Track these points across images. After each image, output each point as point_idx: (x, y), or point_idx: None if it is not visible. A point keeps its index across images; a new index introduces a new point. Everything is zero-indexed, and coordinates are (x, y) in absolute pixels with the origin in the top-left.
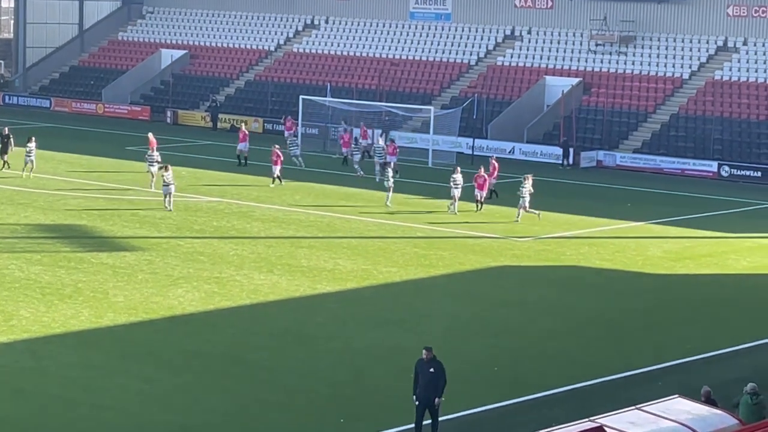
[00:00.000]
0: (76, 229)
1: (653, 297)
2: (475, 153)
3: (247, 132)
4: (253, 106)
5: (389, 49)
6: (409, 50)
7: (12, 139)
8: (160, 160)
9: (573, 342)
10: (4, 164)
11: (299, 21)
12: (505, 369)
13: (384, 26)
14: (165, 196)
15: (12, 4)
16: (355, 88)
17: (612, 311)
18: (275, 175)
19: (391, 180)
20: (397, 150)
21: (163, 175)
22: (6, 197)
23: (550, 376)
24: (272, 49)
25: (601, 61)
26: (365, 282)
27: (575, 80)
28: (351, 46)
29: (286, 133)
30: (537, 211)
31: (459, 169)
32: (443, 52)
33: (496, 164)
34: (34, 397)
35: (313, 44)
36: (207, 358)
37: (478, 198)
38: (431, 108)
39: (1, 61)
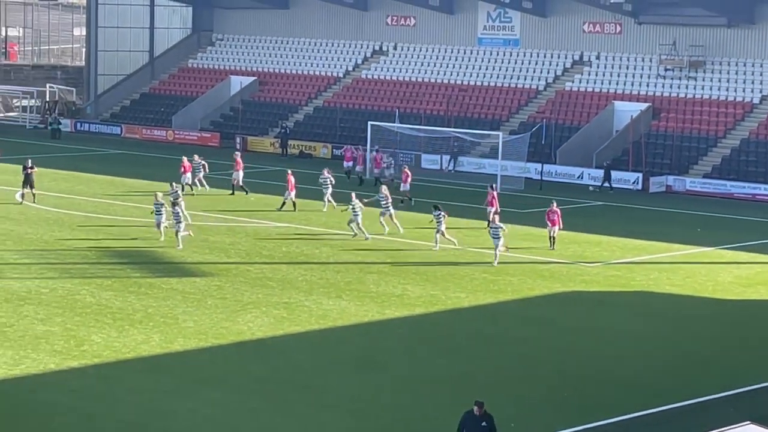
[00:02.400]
0: (147, 255)
1: (724, 323)
2: (543, 178)
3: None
4: (322, 132)
5: (458, 74)
6: (478, 76)
7: (34, 173)
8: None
9: (643, 368)
10: (24, 197)
11: (368, 47)
12: (575, 395)
13: (452, 52)
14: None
15: (84, 33)
16: (424, 113)
17: (682, 337)
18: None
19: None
20: (409, 177)
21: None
22: (77, 223)
23: (619, 402)
24: (341, 75)
25: (671, 86)
26: (434, 307)
27: (644, 105)
28: (419, 72)
29: (345, 165)
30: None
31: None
32: (511, 78)
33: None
34: (105, 422)
35: (382, 70)
36: (275, 384)
37: (552, 234)
38: (500, 133)
39: (73, 89)
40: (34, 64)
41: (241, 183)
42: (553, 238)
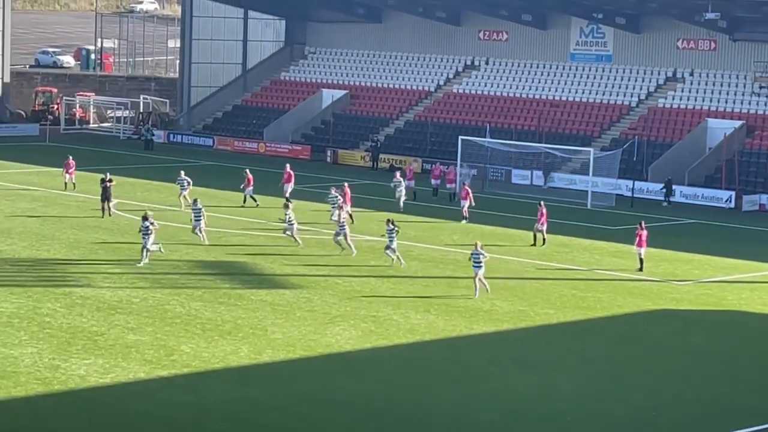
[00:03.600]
0: (237, 267)
1: None
2: (635, 195)
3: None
4: (413, 146)
5: (549, 90)
6: (569, 91)
7: (112, 186)
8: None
9: (734, 388)
10: (104, 212)
11: (459, 62)
12: (664, 413)
13: (544, 67)
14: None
15: (179, 45)
16: (515, 129)
17: None
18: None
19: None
20: (470, 194)
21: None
22: (169, 234)
23: (710, 421)
24: (432, 89)
25: (765, 104)
26: (522, 323)
27: (738, 123)
28: (511, 87)
29: (433, 182)
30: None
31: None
32: (603, 94)
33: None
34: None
35: (473, 85)
36: (363, 397)
37: (641, 256)
38: (591, 150)
39: (167, 100)
40: (128, 76)
41: (287, 195)
42: (641, 259)
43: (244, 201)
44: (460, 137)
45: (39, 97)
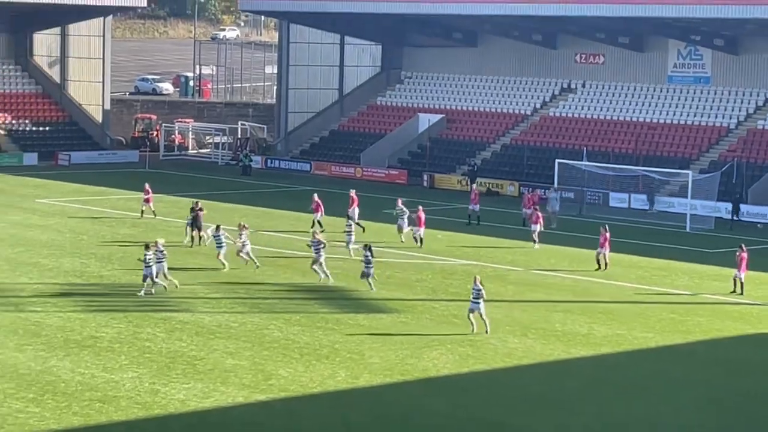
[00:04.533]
0: (334, 291)
1: None
2: (734, 218)
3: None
4: (509, 170)
5: (647, 112)
6: (667, 114)
7: (202, 215)
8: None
9: None
10: (194, 240)
11: (556, 85)
12: None
13: (641, 90)
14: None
15: (276, 71)
16: (612, 152)
17: None
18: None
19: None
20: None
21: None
22: (268, 260)
23: None
24: (529, 113)
25: None
26: (620, 347)
27: None
28: (608, 110)
29: (523, 212)
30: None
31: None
32: (702, 116)
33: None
34: None
35: (570, 108)
36: (460, 421)
37: (741, 279)
38: (689, 172)
39: (264, 126)
40: (226, 102)
41: (356, 219)
42: (740, 281)
43: (312, 225)
44: (556, 160)
45: (138, 123)
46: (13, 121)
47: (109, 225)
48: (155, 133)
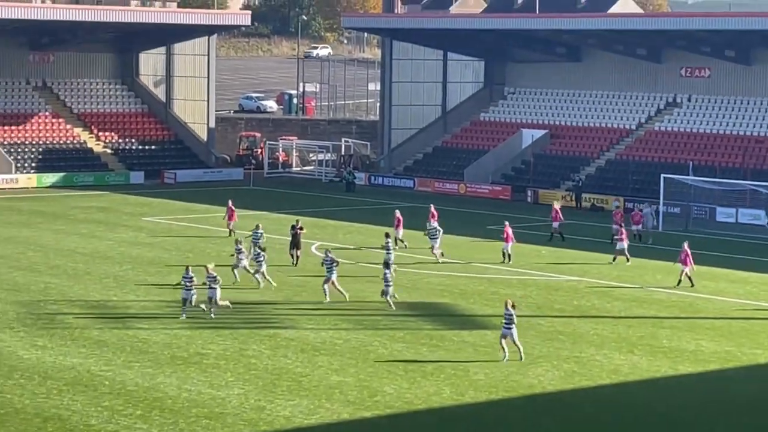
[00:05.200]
0: (438, 308)
1: None
2: None
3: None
4: (614, 185)
5: (754, 126)
6: None
7: (302, 234)
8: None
9: None
10: (295, 259)
11: (661, 99)
12: None
13: (748, 103)
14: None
15: (378, 88)
16: (718, 166)
17: None
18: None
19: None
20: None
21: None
22: (372, 276)
23: None
24: (633, 127)
25: None
26: (728, 364)
27: None
28: (714, 124)
29: (634, 228)
30: None
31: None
32: None
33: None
34: None
35: (675, 122)
36: None
37: None
38: None
39: (368, 143)
40: (330, 119)
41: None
42: None
43: (395, 243)
44: (662, 175)
45: (243, 141)
46: (120, 140)
47: (214, 243)
48: (260, 150)
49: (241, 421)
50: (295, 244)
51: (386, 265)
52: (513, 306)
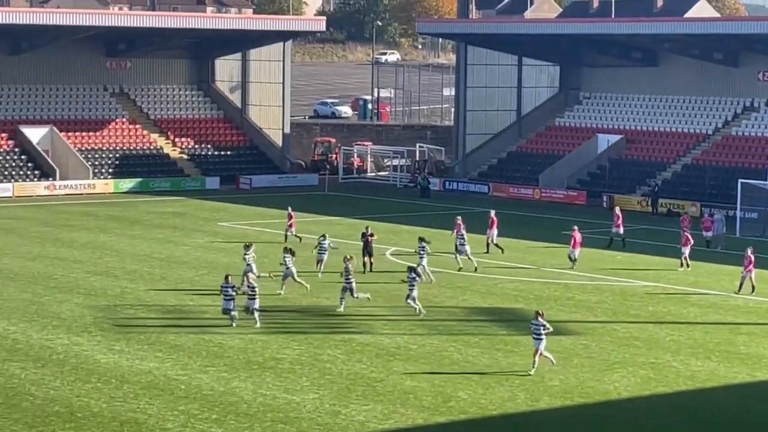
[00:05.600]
0: (513, 313)
1: None
2: None
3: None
4: (691, 190)
5: None
6: None
7: (373, 240)
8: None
9: None
10: (367, 266)
11: (738, 104)
12: None
13: None
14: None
15: (453, 93)
16: None
17: None
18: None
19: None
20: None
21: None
22: (446, 281)
23: None
24: (710, 132)
25: None
26: None
27: None
28: None
29: (705, 234)
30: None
31: None
32: None
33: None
34: None
35: (753, 127)
36: None
37: None
38: None
39: (442, 148)
40: (404, 125)
41: (495, 241)
42: None
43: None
44: (739, 180)
45: (318, 147)
46: (196, 146)
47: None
48: (334, 156)
49: (315, 425)
50: (367, 251)
51: (412, 270)
52: (542, 316)
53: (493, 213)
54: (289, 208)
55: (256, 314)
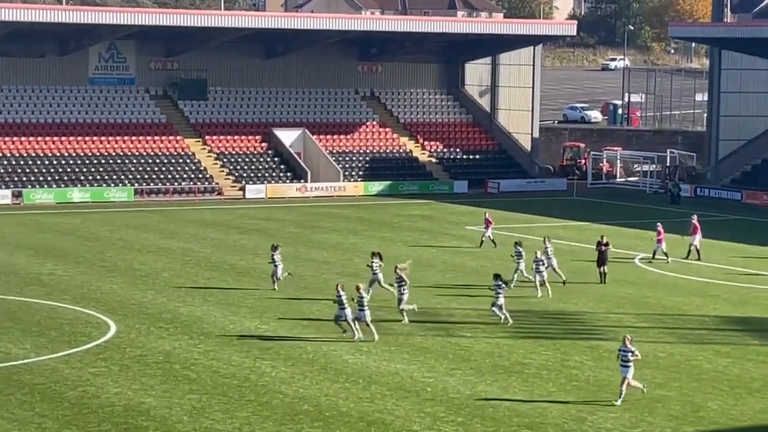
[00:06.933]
0: (767, 323)
1: None
2: None
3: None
4: None
5: None
6: None
7: (608, 250)
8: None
9: None
10: (601, 276)
11: None
12: None
13: None
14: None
15: (706, 98)
16: None
17: None
18: None
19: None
20: None
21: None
22: (697, 289)
23: None
24: None
25: None
26: None
27: None
28: None
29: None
30: None
31: None
32: None
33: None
34: None
35: None
36: None
37: None
38: None
39: (694, 154)
40: (655, 130)
41: (697, 246)
42: None
43: (654, 257)
44: None
45: (567, 152)
46: (445, 150)
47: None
48: (583, 161)
49: None
50: (602, 261)
51: (497, 277)
52: (632, 342)
53: (695, 219)
54: (486, 213)
55: (372, 326)
